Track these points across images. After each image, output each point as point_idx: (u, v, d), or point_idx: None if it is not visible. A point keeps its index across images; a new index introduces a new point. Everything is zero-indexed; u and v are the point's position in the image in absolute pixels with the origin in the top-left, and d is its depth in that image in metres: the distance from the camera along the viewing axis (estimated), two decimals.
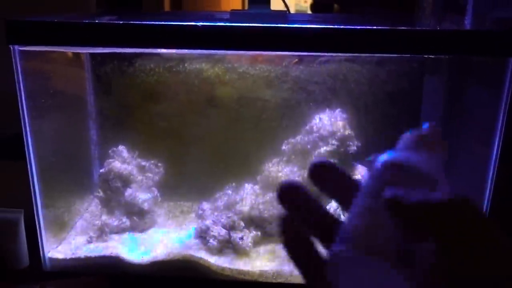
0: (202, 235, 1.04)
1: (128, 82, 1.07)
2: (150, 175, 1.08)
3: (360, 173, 1.05)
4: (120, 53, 1.03)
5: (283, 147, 1.08)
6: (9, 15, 0.82)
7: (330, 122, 1.04)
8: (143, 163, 1.08)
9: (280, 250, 1.04)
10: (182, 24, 0.81)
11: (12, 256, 0.98)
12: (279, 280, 0.96)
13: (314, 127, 1.05)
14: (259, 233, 1.06)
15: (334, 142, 1.03)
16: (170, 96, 1.08)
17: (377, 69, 1.04)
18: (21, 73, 0.87)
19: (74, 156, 1.09)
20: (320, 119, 1.06)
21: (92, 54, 1.07)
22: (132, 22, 0.81)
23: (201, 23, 0.80)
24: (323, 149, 1.03)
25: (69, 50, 1.04)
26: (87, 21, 0.82)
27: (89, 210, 1.12)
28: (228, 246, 1.04)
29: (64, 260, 0.98)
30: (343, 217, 0.34)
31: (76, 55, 1.07)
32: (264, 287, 0.96)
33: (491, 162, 0.88)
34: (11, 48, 0.84)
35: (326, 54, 0.99)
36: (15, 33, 0.82)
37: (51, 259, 0.98)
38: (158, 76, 1.05)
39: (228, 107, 1.11)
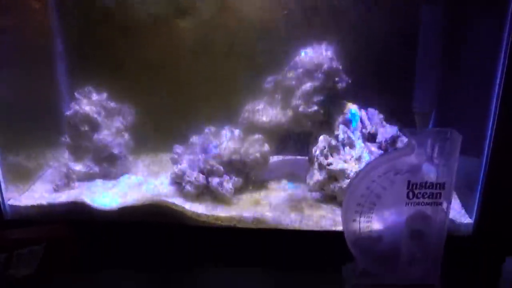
0: (178, 181, 0.96)
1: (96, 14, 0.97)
2: (119, 118, 0.99)
3: (350, 110, 0.96)
4: None
5: (266, 85, 0.99)
6: None
7: (316, 56, 0.93)
8: (113, 106, 0.99)
9: (264, 197, 0.96)
10: None
11: None
12: (259, 226, 0.87)
13: (299, 62, 0.95)
14: (240, 179, 0.98)
15: (319, 75, 0.93)
16: (141, 31, 0.97)
17: None
18: None
19: (37, 100, 0.99)
20: (305, 53, 0.96)
21: None
22: None
23: None
24: (309, 84, 0.94)
25: None
26: None
27: (59, 159, 1.03)
28: (206, 192, 0.95)
29: (26, 207, 0.90)
30: None
31: None
32: (243, 233, 0.87)
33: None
34: None
35: None
36: None
37: (12, 206, 0.91)
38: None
39: (204, 43, 1.01)
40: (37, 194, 0.94)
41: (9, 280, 0.79)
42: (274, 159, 1.09)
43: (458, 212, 0.88)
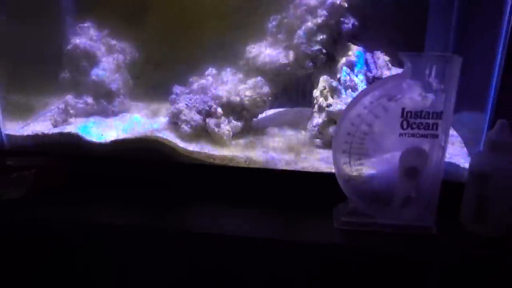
0: (174, 121, 0.94)
1: None
2: (119, 55, 0.98)
3: (354, 54, 0.91)
4: None
5: (269, 25, 0.95)
6: None
7: None
8: (113, 43, 0.98)
9: (261, 141, 0.93)
10: None
11: None
12: (251, 166, 0.84)
13: (302, 0, 0.91)
14: (239, 123, 0.95)
15: (322, 13, 0.88)
16: None
17: None
18: None
19: (39, 34, 0.99)
20: None
21: None
22: None
23: None
24: (311, 22, 0.89)
25: None
26: None
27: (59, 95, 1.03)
28: (203, 134, 0.93)
29: (22, 137, 0.91)
30: None
31: None
32: (236, 172, 0.84)
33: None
34: None
35: None
36: None
37: (9, 136, 0.91)
38: None
39: None
40: (35, 128, 0.95)
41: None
42: (277, 110, 1.05)
43: (463, 158, 0.82)
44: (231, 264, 0.74)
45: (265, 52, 0.95)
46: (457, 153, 0.84)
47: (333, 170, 0.73)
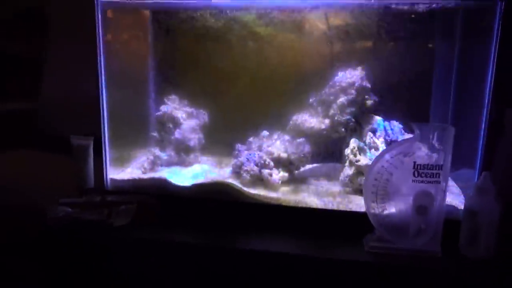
0: (237, 170, 1.21)
1: (180, 41, 1.29)
2: (196, 119, 1.28)
3: (376, 122, 1.20)
4: (178, 8, 1.24)
5: (310, 100, 1.25)
6: None
7: (350, 76, 1.20)
8: (191, 110, 1.29)
9: (303, 189, 1.20)
10: None
11: (82, 176, 1.20)
12: (298, 205, 1.11)
13: (337, 81, 1.22)
14: (286, 174, 1.23)
15: (352, 91, 1.18)
16: (215, 53, 1.28)
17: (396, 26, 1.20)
18: (100, 24, 1.11)
19: (136, 102, 1.31)
20: (342, 74, 1.22)
21: (153, 10, 1.30)
22: None
23: None
24: (343, 98, 1.19)
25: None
26: None
27: (148, 148, 1.32)
28: (258, 181, 1.20)
29: (122, 181, 1.19)
30: None
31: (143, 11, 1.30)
32: (286, 209, 1.11)
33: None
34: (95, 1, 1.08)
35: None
36: None
37: (112, 179, 1.19)
38: (205, 30, 1.25)
39: (265, 69, 1.30)
40: (130, 173, 1.23)
41: (110, 227, 1.07)
42: (316, 164, 1.33)
43: (461, 202, 1.08)
44: (277, 278, 0.99)
45: (308, 120, 1.24)
46: (456, 199, 1.10)
47: (362, 210, 0.99)
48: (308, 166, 1.28)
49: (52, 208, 1.08)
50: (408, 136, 1.18)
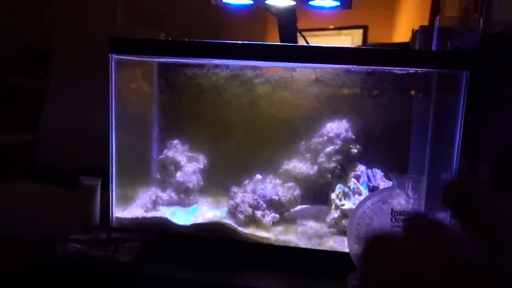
0: (232, 211, 1.32)
1: (183, 92, 1.42)
2: (196, 163, 1.40)
3: (360, 169, 1.33)
4: (181, 65, 1.38)
5: (301, 148, 1.38)
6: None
7: (336, 127, 1.33)
8: (191, 154, 1.40)
9: (293, 229, 1.30)
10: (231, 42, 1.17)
11: (89, 214, 1.30)
12: (286, 245, 1.22)
13: (324, 132, 1.35)
14: (277, 215, 1.33)
15: (338, 141, 1.31)
16: (214, 104, 1.41)
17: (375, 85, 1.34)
18: (114, 76, 1.24)
19: (142, 146, 1.42)
20: (330, 126, 1.35)
21: (160, 63, 1.44)
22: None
23: (241, 42, 1.15)
24: (330, 148, 1.32)
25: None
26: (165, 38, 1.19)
27: (150, 188, 1.43)
28: (252, 221, 1.31)
29: (126, 219, 1.29)
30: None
31: (152, 64, 1.44)
32: (277, 248, 1.21)
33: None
34: (110, 56, 1.22)
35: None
36: (114, 45, 1.20)
37: (117, 218, 1.29)
38: (206, 85, 1.39)
39: (260, 121, 1.43)
40: (133, 212, 1.33)
41: (116, 262, 1.16)
42: (304, 206, 1.44)
43: None
44: None
45: (298, 166, 1.36)
46: None
47: (346, 250, 1.10)
48: (298, 208, 1.39)
49: (62, 244, 1.18)
50: (388, 183, 1.31)
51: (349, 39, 4.37)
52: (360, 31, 4.30)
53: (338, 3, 1.30)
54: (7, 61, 3.15)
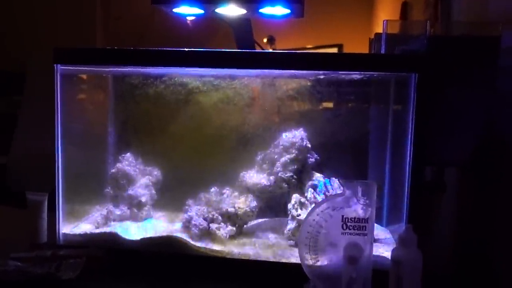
0: (186, 225, 1.27)
1: (137, 104, 1.39)
2: (149, 177, 1.35)
3: (317, 178, 1.29)
4: (131, 74, 1.35)
5: (257, 158, 1.35)
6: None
7: (292, 136, 1.30)
8: (144, 168, 1.36)
9: (249, 242, 1.26)
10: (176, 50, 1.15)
11: (36, 231, 1.24)
12: (242, 258, 1.17)
13: (280, 142, 1.32)
14: (234, 228, 1.29)
15: (294, 151, 1.28)
16: (167, 115, 1.38)
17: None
18: (60, 88, 1.20)
19: (92, 160, 1.37)
20: (285, 135, 1.33)
21: (114, 75, 1.40)
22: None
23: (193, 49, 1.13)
24: (286, 157, 1.29)
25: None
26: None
27: (103, 203, 1.37)
28: (207, 235, 1.26)
29: (74, 235, 1.23)
30: None
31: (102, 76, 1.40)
32: (230, 261, 1.17)
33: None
34: (55, 66, 1.18)
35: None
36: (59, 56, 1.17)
37: (64, 234, 1.24)
38: (158, 98, 1.36)
39: (215, 131, 1.40)
40: (82, 228, 1.27)
41: (58, 280, 1.10)
42: (265, 219, 1.40)
43: None
44: None
45: (254, 176, 1.33)
46: (390, 251, 1.18)
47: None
48: (256, 221, 1.35)
49: (2, 262, 1.12)
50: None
51: None
52: (335, 49, 4.35)
53: (288, 11, 1.28)
54: None
